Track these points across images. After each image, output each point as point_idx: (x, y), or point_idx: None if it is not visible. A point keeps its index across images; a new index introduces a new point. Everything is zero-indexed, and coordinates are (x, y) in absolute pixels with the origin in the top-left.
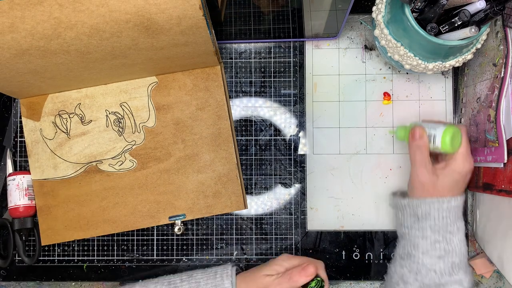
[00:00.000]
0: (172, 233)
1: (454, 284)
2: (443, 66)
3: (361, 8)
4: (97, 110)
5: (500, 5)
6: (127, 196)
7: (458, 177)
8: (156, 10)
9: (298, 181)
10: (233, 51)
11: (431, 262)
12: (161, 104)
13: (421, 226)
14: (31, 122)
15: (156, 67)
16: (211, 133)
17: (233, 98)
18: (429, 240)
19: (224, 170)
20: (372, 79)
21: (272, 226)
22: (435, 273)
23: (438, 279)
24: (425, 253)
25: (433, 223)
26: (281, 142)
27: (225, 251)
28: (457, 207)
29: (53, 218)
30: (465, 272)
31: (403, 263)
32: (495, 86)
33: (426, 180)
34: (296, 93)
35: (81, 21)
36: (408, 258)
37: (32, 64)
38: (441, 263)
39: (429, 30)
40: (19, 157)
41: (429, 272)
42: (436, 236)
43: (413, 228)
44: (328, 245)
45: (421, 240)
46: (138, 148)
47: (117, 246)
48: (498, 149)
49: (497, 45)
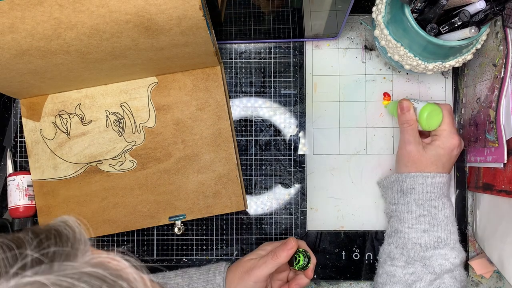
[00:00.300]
0: (172, 233)
1: (439, 258)
2: (443, 66)
3: (361, 8)
4: (97, 110)
5: (500, 6)
6: (127, 196)
7: (442, 152)
8: (156, 11)
9: (298, 181)
10: (233, 51)
11: (417, 236)
12: (161, 105)
13: (406, 200)
14: (31, 122)
15: (156, 67)
16: (211, 133)
17: (233, 98)
18: (414, 214)
19: (224, 170)
20: (372, 80)
21: (272, 226)
22: (420, 247)
23: (423, 252)
24: (410, 227)
25: (417, 197)
26: (281, 142)
27: (225, 251)
28: (441, 183)
29: (53, 218)
30: (452, 248)
31: (390, 241)
32: (495, 87)
33: (412, 149)
34: (296, 93)
35: (81, 21)
36: (395, 234)
37: (32, 64)
38: (426, 236)
39: (429, 31)
40: (19, 157)
41: (415, 246)
42: (421, 210)
43: (399, 203)
44: (328, 245)
45: (407, 214)
46: (138, 148)
47: (117, 246)
48: (498, 149)
49: (497, 45)
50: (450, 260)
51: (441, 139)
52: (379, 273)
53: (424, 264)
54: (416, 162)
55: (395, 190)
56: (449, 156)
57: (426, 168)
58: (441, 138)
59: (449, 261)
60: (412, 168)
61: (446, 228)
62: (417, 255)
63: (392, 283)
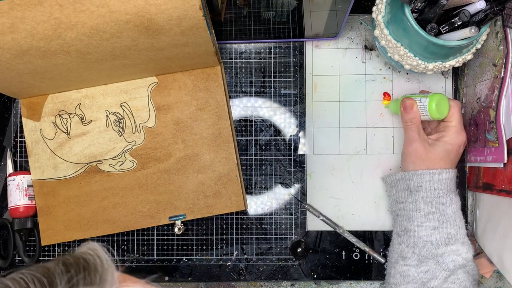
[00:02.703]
0: (172, 233)
1: (452, 254)
2: (443, 66)
3: (361, 8)
4: (97, 110)
5: (500, 5)
6: (127, 196)
7: (450, 148)
8: (156, 11)
9: (298, 181)
10: (233, 51)
11: (427, 233)
12: (161, 104)
13: (414, 198)
14: (31, 122)
15: (156, 67)
16: (211, 133)
17: (233, 98)
18: (422, 212)
19: (224, 170)
20: (372, 79)
21: (272, 226)
22: (432, 244)
23: (435, 250)
24: (420, 225)
25: (425, 195)
26: (281, 142)
27: (225, 251)
28: (449, 179)
29: (53, 218)
30: (463, 243)
31: (400, 240)
32: (495, 86)
33: (418, 146)
34: (296, 93)
35: (81, 21)
36: (405, 234)
37: (32, 64)
38: (436, 234)
39: (429, 30)
40: (19, 157)
41: (426, 244)
42: (429, 207)
43: (407, 201)
44: (328, 245)
45: (415, 212)
46: (138, 148)
47: (117, 246)
48: (498, 149)
49: (497, 45)
50: (462, 255)
51: (450, 135)
52: (391, 273)
53: (437, 261)
54: (425, 159)
55: (401, 188)
56: (457, 152)
57: (435, 165)
58: (450, 134)
59: (462, 256)
60: (421, 165)
61: (455, 223)
62: (430, 253)
63: (407, 282)
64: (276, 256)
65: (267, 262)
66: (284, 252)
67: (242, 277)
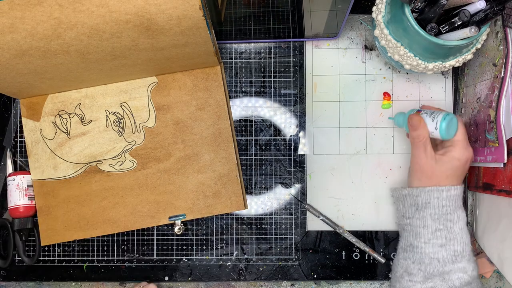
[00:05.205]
0: (172, 233)
1: (458, 272)
2: (443, 66)
3: (361, 8)
4: (97, 110)
5: (500, 5)
6: (127, 196)
7: (458, 164)
8: (156, 11)
9: (298, 181)
10: (233, 51)
11: (434, 251)
12: (161, 104)
13: (421, 215)
14: (31, 122)
15: (156, 67)
16: (211, 133)
17: (233, 98)
18: (430, 229)
19: (224, 170)
20: (372, 79)
21: (272, 226)
22: (438, 262)
23: (442, 267)
24: (427, 242)
25: (433, 212)
26: (281, 142)
27: (225, 251)
28: (456, 196)
29: (53, 218)
30: (469, 260)
31: (406, 255)
32: (495, 86)
33: (425, 164)
34: (296, 93)
35: (81, 21)
36: (411, 249)
37: (32, 64)
38: (443, 251)
39: (429, 30)
40: (19, 157)
41: (432, 261)
42: (436, 224)
43: (414, 217)
44: (328, 245)
45: (422, 229)
46: (138, 148)
47: (117, 246)
48: (498, 149)
49: (497, 45)
50: (469, 273)
51: (457, 150)
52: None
53: (443, 278)
54: (431, 177)
55: (408, 204)
56: (463, 168)
57: (441, 182)
58: (457, 149)
59: (468, 274)
60: (427, 182)
61: (462, 240)
62: (436, 270)
63: None
64: (276, 256)
65: (267, 262)
66: (284, 252)
67: (242, 277)
